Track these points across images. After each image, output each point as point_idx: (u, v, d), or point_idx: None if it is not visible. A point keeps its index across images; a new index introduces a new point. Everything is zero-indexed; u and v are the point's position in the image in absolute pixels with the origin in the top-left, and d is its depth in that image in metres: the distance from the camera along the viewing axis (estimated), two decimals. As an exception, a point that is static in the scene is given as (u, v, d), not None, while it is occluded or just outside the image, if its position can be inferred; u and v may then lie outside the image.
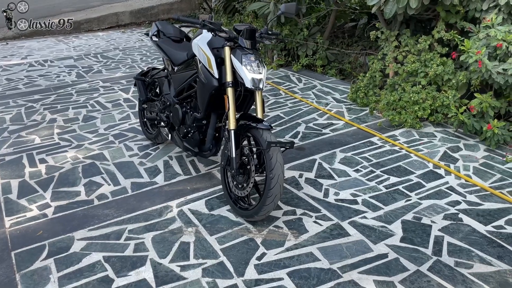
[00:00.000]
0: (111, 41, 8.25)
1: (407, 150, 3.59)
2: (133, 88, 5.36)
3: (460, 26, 3.89)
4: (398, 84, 4.27)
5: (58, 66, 6.54)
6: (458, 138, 3.79)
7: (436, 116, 3.94)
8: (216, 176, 3.29)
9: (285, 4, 2.87)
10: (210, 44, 2.79)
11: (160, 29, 3.55)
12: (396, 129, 4.00)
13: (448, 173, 3.25)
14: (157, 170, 3.39)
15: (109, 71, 6.21)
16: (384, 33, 4.42)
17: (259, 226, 2.68)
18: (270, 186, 2.46)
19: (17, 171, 3.42)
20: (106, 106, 4.80)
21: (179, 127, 3.18)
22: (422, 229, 2.62)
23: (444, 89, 4.00)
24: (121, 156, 3.63)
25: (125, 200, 3.01)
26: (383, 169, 3.32)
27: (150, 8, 9.89)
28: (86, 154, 3.68)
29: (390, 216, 2.76)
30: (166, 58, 3.39)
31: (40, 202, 2.99)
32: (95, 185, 3.21)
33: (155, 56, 7.01)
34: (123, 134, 4.07)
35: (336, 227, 2.66)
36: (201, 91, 2.82)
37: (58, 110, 4.71)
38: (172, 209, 2.88)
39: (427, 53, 4.01)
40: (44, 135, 4.07)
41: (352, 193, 3.02)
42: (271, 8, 5.39)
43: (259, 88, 2.62)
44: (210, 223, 2.73)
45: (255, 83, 2.59)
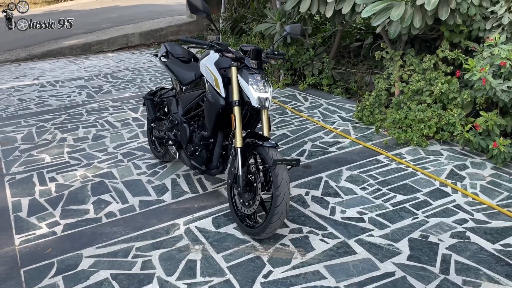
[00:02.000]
0: (121, 62, 8.41)
1: (414, 168, 3.60)
2: (142, 108, 5.45)
3: (464, 45, 3.94)
4: (403, 103, 4.30)
5: (69, 87, 6.67)
6: (464, 156, 3.79)
7: (442, 134, 3.95)
8: (223, 194, 3.31)
9: (291, 25, 2.95)
10: (217, 64, 2.85)
11: (168, 50, 3.63)
12: (402, 147, 4.02)
13: (455, 191, 3.24)
14: (164, 188, 3.43)
15: (118, 91, 6.31)
16: (389, 53, 4.48)
17: (265, 244, 2.69)
18: (276, 203, 2.48)
19: (27, 190, 3.47)
20: (115, 125, 4.87)
21: (186, 146, 3.23)
22: (429, 247, 2.61)
23: (450, 108, 4.02)
24: (129, 175, 3.68)
25: (133, 218, 3.04)
26: (389, 187, 3.32)
27: (159, 30, 10.09)
28: (95, 172, 3.74)
29: (397, 234, 2.75)
30: (174, 78, 3.46)
31: (50, 220, 3.03)
32: (104, 203, 3.24)
33: (164, 76, 7.12)
34: (132, 152, 4.13)
35: (342, 245, 2.66)
36: (209, 110, 2.87)
37: (68, 129, 4.79)
38: (179, 227, 2.91)
39: (432, 72, 4.05)
40: (54, 154, 4.14)
41: (358, 211, 3.02)
42: (277, 29, 5.49)
43: (265, 106, 2.67)
44: (217, 240, 2.75)
45: (261, 102, 2.64)
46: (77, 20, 12.51)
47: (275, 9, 5.84)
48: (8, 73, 7.74)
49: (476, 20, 3.71)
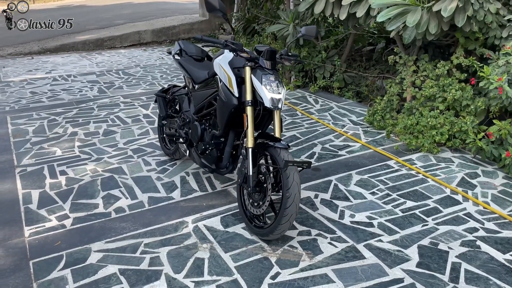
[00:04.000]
0: (132, 58, 8.44)
1: (424, 175, 3.57)
2: (153, 105, 5.47)
3: (479, 52, 3.91)
4: (415, 108, 4.28)
5: (81, 81, 6.70)
6: (476, 164, 3.75)
7: (454, 141, 3.92)
8: (232, 193, 3.31)
9: (306, 27, 2.94)
10: (231, 63, 2.85)
11: (182, 48, 3.64)
12: (412, 153, 3.99)
13: (465, 199, 3.21)
14: (174, 186, 3.43)
15: (130, 87, 6.34)
16: (402, 58, 4.45)
17: (273, 245, 2.69)
18: (286, 205, 2.48)
19: (38, 182, 3.50)
20: (126, 121, 4.89)
21: (197, 144, 3.23)
22: (439, 255, 2.59)
23: (462, 115, 3.99)
24: (139, 171, 3.69)
25: (142, 214, 3.05)
26: (399, 193, 3.30)
27: (172, 28, 10.12)
28: (105, 167, 3.75)
29: (407, 240, 2.73)
30: (187, 76, 3.46)
31: (59, 213, 3.05)
32: (113, 198, 3.26)
33: (175, 74, 7.14)
34: (142, 149, 4.14)
35: (351, 249, 2.65)
36: (221, 109, 2.87)
37: (79, 123, 4.82)
38: (188, 225, 2.91)
39: (445, 78, 4.02)
40: (65, 148, 4.16)
41: (368, 216, 3.01)
42: (290, 31, 5.48)
43: (278, 107, 2.66)
44: (225, 240, 2.75)
45: (274, 102, 2.63)
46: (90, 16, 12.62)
47: (288, 10, 5.84)
48: (21, 66, 7.81)
49: (492, 28, 3.67)
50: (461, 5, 3.44)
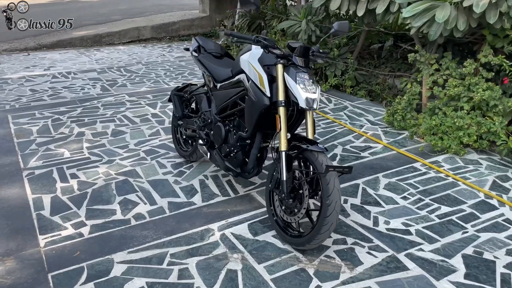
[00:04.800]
0: (133, 55, 8.20)
1: (454, 178, 3.43)
2: (160, 103, 5.26)
3: (508, 51, 3.77)
4: (438, 108, 4.13)
5: (82, 79, 6.46)
6: (505, 167, 3.62)
7: (481, 142, 3.78)
8: (256, 198, 3.14)
9: (338, 22, 2.76)
10: (260, 61, 2.67)
11: (201, 45, 3.44)
12: (438, 154, 3.85)
13: (502, 204, 3.07)
14: (193, 190, 3.24)
15: (134, 85, 6.12)
16: (424, 56, 4.30)
17: (309, 255, 2.52)
18: (326, 213, 2.31)
19: (48, 186, 3.29)
20: (134, 120, 4.68)
21: (220, 146, 3.05)
22: (485, 265, 2.44)
23: (489, 115, 3.85)
24: (154, 174, 3.50)
25: (163, 221, 2.86)
26: (432, 198, 3.15)
27: (171, 24, 9.88)
28: (118, 170, 3.55)
29: (449, 249, 2.58)
30: (207, 74, 3.27)
31: (75, 220, 2.85)
32: (131, 203, 3.06)
33: (179, 71, 6.93)
34: (155, 150, 3.94)
35: (392, 259, 2.48)
36: (250, 110, 2.68)
37: (85, 123, 4.60)
38: (214, 233, 2.73)
39: (472, 77, 3.88)
40: (73, 149, 3.95)
41: (403, 222, 2.85)
42: (303, 27, 5.31)
43: (313, 108, 2.49)
44: (256, 249, 2.57)
45: (309, 103, 2.46)
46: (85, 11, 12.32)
47: (299, 6, 5.65)
48: (17, 62, 7.53)
49: (525, 25, 3.54)
50: (494, 1, 3.29)
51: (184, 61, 7.66)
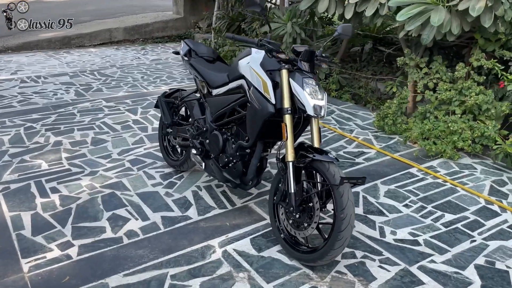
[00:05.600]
0: (106, 58, 7.87)
1: (452, 184, 3.38)
2: (141, 109, 5.02)
3: (499, 54, 3.76)
4: (429, 112, 4.09)
5: (53, 83, 6.11)
6: (499, 171, 3.60)
7: (474, 147, 3.76)
8: (255, 210, 2.98)
9: (342, 25, 2.64)
10: (262, 66, 2.52)
11: (192, 48, 3.26)
12: (432, 159, 3.80)
13: (503, 210, 3.03)
14: (187, 203, 3.05)
15: (110, 89, 5.83)
16: (414, 60, 4.26)
17: (319, 271, 2.38)
18: (340, 228, 2.17)
19: (26, 202, 3.01)
20: (114, 128, 4.42)
21: (218, 156, 2.87)
22: (499, 276, 2.37)
23: (480, 119, 3.84)
24: (143, 186, 3.28)
25: (159, 238, 2.65)
26: (434, 205, 3.08)
27: (145, 26, 9.58)
28: (103, 182, 3.31)
29: (460, 260, 2.50)
30: (200, 80, 3.09)
31: (61, 240, 2.60)
32: (121, 219, 2.84)
33: (157, 75, 6.67)
34: (140, 160, 3.71)
35: (405, 273, 2.38)
36: (253, 118, 2.52)
37: (62, 131, 4.31)
38: (215, 250, 2.55)
39: (464, 81, 3.85)
40: (51, 160, 3.67)
41: (410, 232, 2.75)
42: (288, 30, 5.19)
43: (321, 115, 2.36)
44: (263, 267, 2.41)
45: (316, 110, 2.33)
46: (51, 12, 11.79)
47: (283, 8, 5.54)
48: (-19, 66, 7.08)
49: (518, 29, 3.54)
50: (490, 4, 3.27)
51: (161, 64, 7.41)
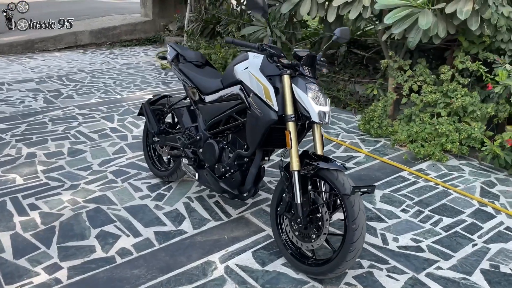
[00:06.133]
0: (73, 63, 7.53)
1: (444, 186, 3.38)
2: (117, 116, 4.79)
3: (483, 56, 3.82)
4: (415, 115, 4.11)
5: (19, 90, 5.76)
6: (487, 172, 3.64)
7: (461, 148, 3.79)
8: (252, 221, 2.86)
9: (340, 28, 2.57)
10: (262, 71, 2.41)
11: (179, 53, 3.10)
12: (421, 162, 3.80)
13: (497, 212, 3.05)
14: (180, 216, 2.89)
15: (81, 96, 5.55)
16: (398, 62, 4.27)
17: (328, 284, 2.29)
18: (353, 239, 2.09)
19: (3, 221, 2.77)
20: (91, 137, 4.19)
21: (214, 166, 2.73)
22: (506, 280, 2.36)
23: (466, 121, 3.88)
24: (130, 199, 3.09)
25: (154, 255, 2.49)
26: (430, 209, 3.06)
27: (112, 29, 9.25)
28: (86, 197, 3.10)
29: (465, 265, 2.47)
30: (190, 86, 2.94)
31: (47, 263, 2.39)
32: (110, 236, 2.65)
33: (129, 80, 6.42)
34: (124, 171, 3.51)
35: (415, 282, 2.33)
36: (254, 125, 2.40)
37: (34, 142, 4.03)
38: (216, 266, 2.41)
39: (449, 83, 3.88)
40: (26, 174, 3.41)
41: (412, 238, 2.71)
42: (269, 33, 5.09)
43: (325, 122, 2.27)
44: (269, 282, 2.29)
45: (321, 116, 2.24)
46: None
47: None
48: None
49: (501, 32, 3.59)
50: (477, 8, 3.29)
51: (133, 69, 7.15)
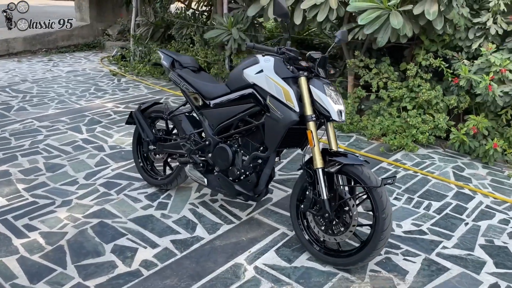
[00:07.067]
0: (11, 72, 7.00)
1: (423, 174, 3.68)
2: (84, 126, 4.57)
3: (442, 53, 4.19)
4: (383, 110, 4.40)
5: (-40, 104, 5.27)
6: (453, 158, 4.02)
7: (429, 138, 4.13)
8: (263, 221, 2.92)
9: (341, 31, 2.72)
10: (277, 74, 2.49)
11: (175, 59, 3.07)
12: (394, 153, 4.09)
13: (475, 193, 3.39)
14: (191, 222, 2.88)
15: (36, 108, 5.21)
16: (364, 61, 4.54)
17: (356, 273, 2.42)
18: (383, 227, 2.24)
19: (2, 246, 2.57)
20: (65, 150, 3.97)
21: (226, 169, 2.75)
22: (503, 251, 2.66)
23: (430, 112, 4.24)
24: (132, 210, 3.00)
25: (180, 264, 2.46)
26: (418, 195, 3.33)
27: (48, 34, 8.71)
28: (84, 212, 2.96)
29: (466, 242, 2.74)
30: (192, 91, 2.92)
31: (70, 283, 2.28)
32: (127, 250, 2.57)
33: (82, 87, 6.13)
34: (114, 182, 3.39)
35: (430, 262, 2.54)
36: (274, 127, 2.47)
37: (3, 159, 3.74)
38: (246, 267, 2.45)
39: (415, 79, 4.22)
40: (7, 194, 3.17)
41: (413, 223, 2.94)
42: (235, 36, 5.15)
43: (343, 120, 2.41)
44: (302, 277, 2.38)
45: (340, 115, 2.38)
46: None
47: (226, 14, 5.47)
48: None
49: (460, 31, 3.97)
50: (442, 9, 3.62)
51: (81, 76, 6.83)
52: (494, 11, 3.74)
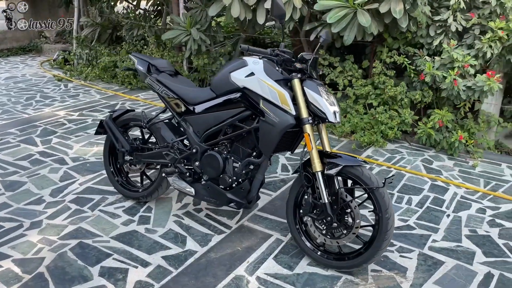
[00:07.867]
0: None
1: (396, 168, 3.77)
2: (37, 138, 4.22)
3: (404, 51, 4.32)
4: (350, 107, 4.47)
5: None
6: (420, 151, 4.16)
7: (396, 133, 4.25)
8: (254, 228, 2.84)
9: (326, 31, 2.69)
10: (268, 76, 2.40)
11: (151, 63, 2.89)
12: (365, 149, 4.16)
13: (448, 184, 3.52)
14: (179, 235, 2.73)
15: (-23, 119, 4.74)
16: (328, 59, 4.58)
17: (359, 275, 2.41)
18: (387, 227, 2.24)
19: (-29, 279, 2.28)
20: (22, 165, 3.63)
21: (217, 178, 2.62)
22: (488, 240, 2.77)
23: (395, 108, 4.35)
24: (112, 227, 2.79)
25: (178, 282, 2.32)
26: (397, 190, 3.40)
27: (-24, 38, 7.98)
28: (59, 233, 2.71)
29: (452, 234, 2.83)
30: (172, 97, 2.76)
31: (62, 316, 2.06)
32: (117, 271, 2.38)
33: (26, 95, 5.67)
34: (85, 198, 3.15)
35: (425, 257, 2.58)
36: (269, 131, 2.38)
37: (-49, 179, 3.35)
38: (247, 279, 2.35)
39: (379, 76, 4.31)
40: (-36, 218, 2.83)
41: (399, 219, 2.99)
42: (195, 36, 4.98)
43: (338, 121, 2.38)
44: (307, 284, 2.33)
45: (335, 116, 2.35)
46: None
47: (182, 14, 5.28)
48: None
49: (422, 28, 4.11)
50: (408, 7, 3.72)
51: (22, 83, 6.31)
52: (454, 8, 3.91)
